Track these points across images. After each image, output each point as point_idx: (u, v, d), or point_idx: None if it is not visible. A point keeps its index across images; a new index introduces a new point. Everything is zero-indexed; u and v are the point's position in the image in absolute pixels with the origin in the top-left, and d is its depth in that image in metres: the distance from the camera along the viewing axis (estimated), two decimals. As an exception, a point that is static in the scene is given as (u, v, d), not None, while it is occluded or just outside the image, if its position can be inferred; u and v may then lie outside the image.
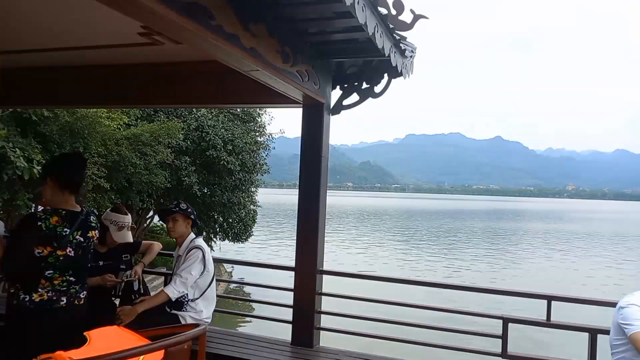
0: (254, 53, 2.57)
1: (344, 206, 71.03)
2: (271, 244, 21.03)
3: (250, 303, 11.34)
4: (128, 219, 3.41)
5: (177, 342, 2.00)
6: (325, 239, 3.82)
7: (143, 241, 3.78)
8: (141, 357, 1.91)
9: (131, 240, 3.48)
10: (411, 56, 3.62)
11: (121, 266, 3.40)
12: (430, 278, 14.22)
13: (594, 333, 3.12)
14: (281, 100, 3.67)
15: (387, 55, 3.00)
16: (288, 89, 3.27)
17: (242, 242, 15.50)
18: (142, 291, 3.48)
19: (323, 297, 3.84)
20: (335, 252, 18.67)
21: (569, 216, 63.40)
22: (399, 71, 3.47)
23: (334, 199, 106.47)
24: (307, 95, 3.48)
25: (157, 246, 3.69)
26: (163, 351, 1.95)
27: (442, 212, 63.72)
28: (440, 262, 17.95)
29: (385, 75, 3.83)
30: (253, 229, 15.45)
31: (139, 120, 12.17)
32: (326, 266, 3.81)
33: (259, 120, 15.16)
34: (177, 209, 3.40)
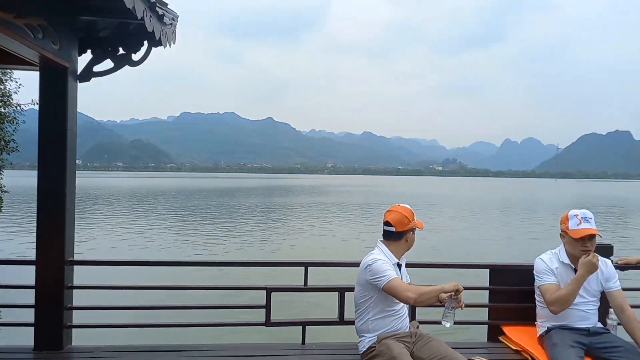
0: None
1: (115, 188, 65.23)
2: (20, 234, 17.82)
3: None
4: None
5: None
6: (95, 226, 3.34)
7: None
8: None
9: None
10: (172, 24, 3.38)
11: None
12: (209, 257, 14.21)
13: (342, 292, 3.52)
14: (11, 60, 3.01)
15: (140, 18, 2.71)
16: (18, 47, 2.68)
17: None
18: None
19: (78, 290, 3.37)
20: (108, 240, 16.96)
21: (329, 190, 71.53)
22: (158, 38, 3.21)
23: (101, 181, 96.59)
24: (45, 57, 2.93)
25: None
26: None
27: (219, 190, 64.32)
28: (218, 240, 18.08)
29: (145, 42, 3.51)
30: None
31: None
32: (100, 256, 3.35)
33: (1, 87, 12.36)
34: None
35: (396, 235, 2.98)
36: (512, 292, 3.61)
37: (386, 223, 3.01)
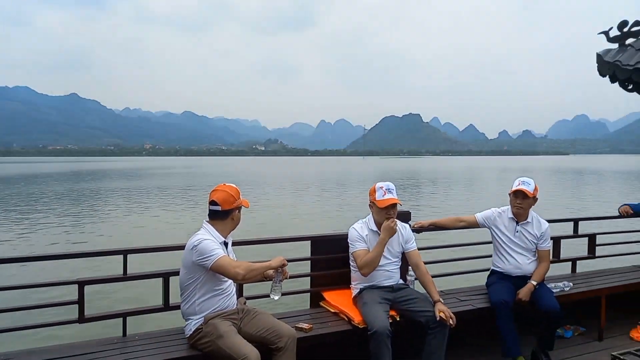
0: None
1: None
2: None
3: None
4: None
5: None
6: None
7: None
8: None
9: None
10: None
11: None
12: (9, 252, 12.12)
13: (166, 277, 3.38)
14: None
15: None
16: None
17: None
18: None
19: None
20: None
21: (148, 173, 67.25)
22: None
23: None
24: None
25: None
26: None
27: (13, 177, 55.07)
28: (13, 233, 15.54)
29: None
30: None
31: None
32: None
33: None
34: None
35: (222, 214, 2.97)
36: (331, 260, 3.92)
37: (212, 202, 2.98)
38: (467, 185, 41.48)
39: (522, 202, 3.85)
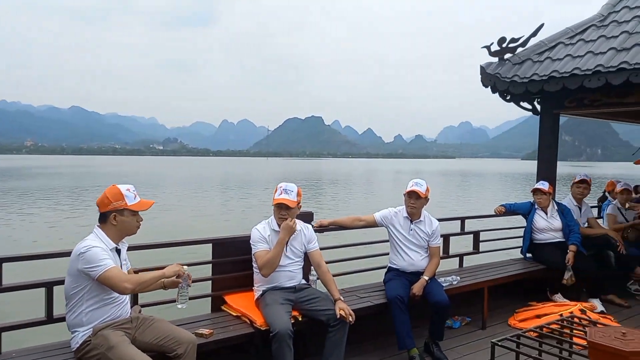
0: None
1: None
2: None
3: None
4: None
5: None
6: None
7: None
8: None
9: None
10: None
11: None
12: None
13: (50, 286, 3.08)
14: None
15: None
16: None
17: None
18: None
19: None
20: None
21: (31, 172, 61.00)
22: None
23: None
24: None
25: None
26: None
27: None
28: None
29: None
30: None
31: None
32: None
33: None
34: None
35: (101, 217, 2.78)
36: (233, 262, 3.84)
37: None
38: (366, 186, 43.31)
39: (415, 202, 4.09)
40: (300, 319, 3.48)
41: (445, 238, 5.19)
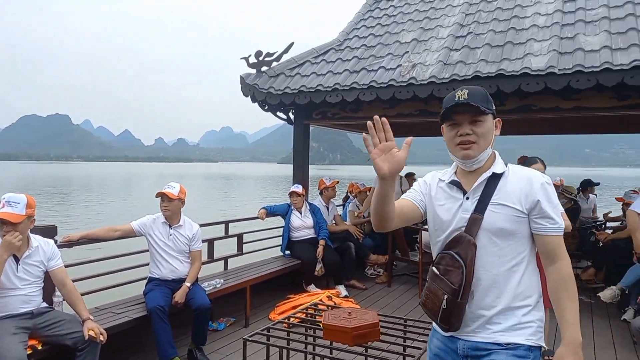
0: None
1: None
2: None
3: None
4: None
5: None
6: None
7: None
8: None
9: None
10: None
11: None
12: None
13: None
14: None
15: None
16: None
17: None
18: None
19: None
20: None
21: None
22: None
23: None
24: None
25: None
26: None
27: None
28: None
29: None
30: None
31: None
32: None
33: None
34: None
35: None
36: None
37: None
38: (125, 193, 40.16)
39: (168, 204, 4.01)
40: (39, 347, 2.99)
41: (210, 242, 5.22)
